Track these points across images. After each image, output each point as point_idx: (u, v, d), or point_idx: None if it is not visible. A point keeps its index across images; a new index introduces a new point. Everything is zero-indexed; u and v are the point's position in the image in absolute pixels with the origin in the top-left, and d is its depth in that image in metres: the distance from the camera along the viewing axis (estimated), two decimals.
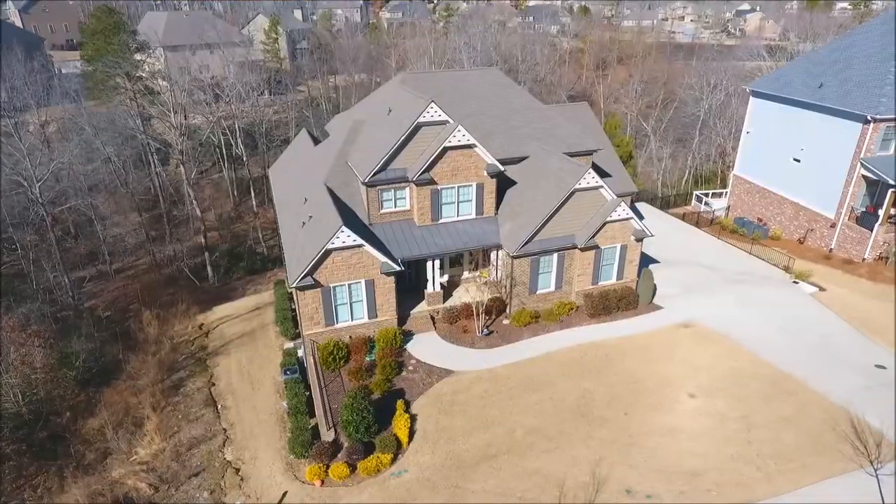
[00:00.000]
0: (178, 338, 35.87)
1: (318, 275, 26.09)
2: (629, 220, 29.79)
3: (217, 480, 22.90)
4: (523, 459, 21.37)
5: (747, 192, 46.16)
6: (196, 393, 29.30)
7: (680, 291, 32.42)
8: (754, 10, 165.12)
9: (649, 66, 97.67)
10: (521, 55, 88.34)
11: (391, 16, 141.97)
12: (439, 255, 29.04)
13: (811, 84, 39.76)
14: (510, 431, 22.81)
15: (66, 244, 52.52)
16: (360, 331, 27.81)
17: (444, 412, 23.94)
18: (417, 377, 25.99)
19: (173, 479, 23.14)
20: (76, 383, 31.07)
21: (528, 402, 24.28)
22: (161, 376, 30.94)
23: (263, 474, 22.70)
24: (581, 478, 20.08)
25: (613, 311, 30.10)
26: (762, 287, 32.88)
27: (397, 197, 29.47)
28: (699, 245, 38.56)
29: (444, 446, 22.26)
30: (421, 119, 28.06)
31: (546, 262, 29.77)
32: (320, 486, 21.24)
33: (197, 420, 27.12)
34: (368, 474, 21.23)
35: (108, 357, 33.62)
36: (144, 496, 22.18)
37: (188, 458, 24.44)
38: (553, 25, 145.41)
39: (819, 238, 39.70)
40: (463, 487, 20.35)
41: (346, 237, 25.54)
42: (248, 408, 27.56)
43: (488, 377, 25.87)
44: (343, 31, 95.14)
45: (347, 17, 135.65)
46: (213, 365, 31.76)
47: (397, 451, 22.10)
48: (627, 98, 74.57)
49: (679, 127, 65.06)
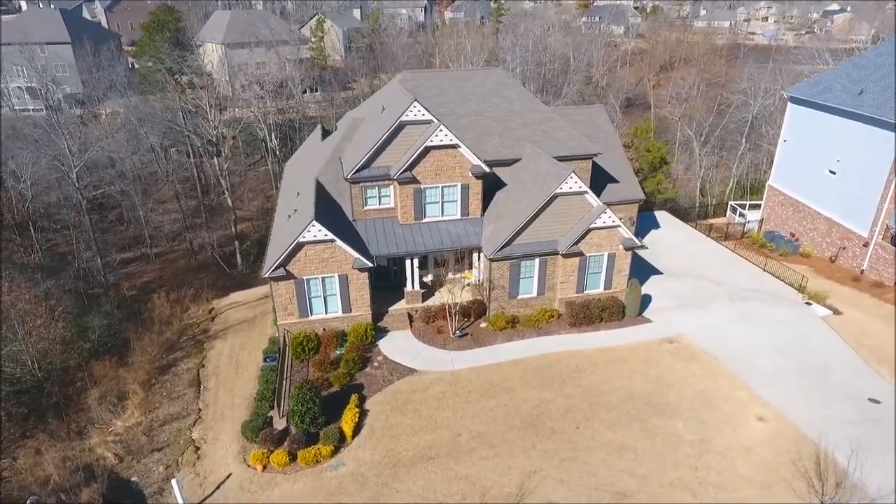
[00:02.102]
0: (188, 320, 37.86)
1: (292, 267, 26.82)
2: (617, 228, 28.71)
3: (177, 457, 24.07)
4: (458, 464, 21.14)
5: (781, 205, 43.23)
6: (185, 373, 30.86)
7: (675, 305, 30.90)
8: (844, 10, 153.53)
9: (713, 68, 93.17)
10: (572, 56, 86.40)
11: (454, 15, 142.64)
12: (417, 255, 29.11)
13: (851, 90, 36.75)
14: (456, 435, 22.62)
15: (117, 228, 56.68)
16: (333, 324, 28.36)
17: (397, 410, 24.04)
18: (380, 374, 26.22)
19: (138, 452, 24.54)
20: (90, 355, 33.51)
21: (483, 407, 23.96)
22: (160, 355, 32.79)
23: (218, 455, 23.63)
24: (507, 488, 19.67)
25: (596, 321, 29.11)
26: (768, 306, 30.77)
27: (381, 194, 29.81)
28: (711, 258, 36.53)
29: (386, 444, 22.38)
30: (404, 117, 28.23)
31: (527, 266, 29.20)
32: (262, 471, 21.89)
33: (178, 398, 28.57)
34: (307, 464, 21.67)
35: (123, 334, 35.98)
36: (107, 465, 23.64)
37: (158, 434, 25.83)
38: (618, 25, 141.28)
39: (851, 258, 36.67)
40: (390, 486, 20.41)
41: (318, 231, 26.10)
42: (227, 391, 28.71)
43: (450, 379, 25.72)
44: (404, 31, 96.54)
45: (411, 17, 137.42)
46: (208, 348, 33.29)
47: (340, 445, 22.41)
48: (678, 102, 71.51)
49: (727, 133, 61.68)
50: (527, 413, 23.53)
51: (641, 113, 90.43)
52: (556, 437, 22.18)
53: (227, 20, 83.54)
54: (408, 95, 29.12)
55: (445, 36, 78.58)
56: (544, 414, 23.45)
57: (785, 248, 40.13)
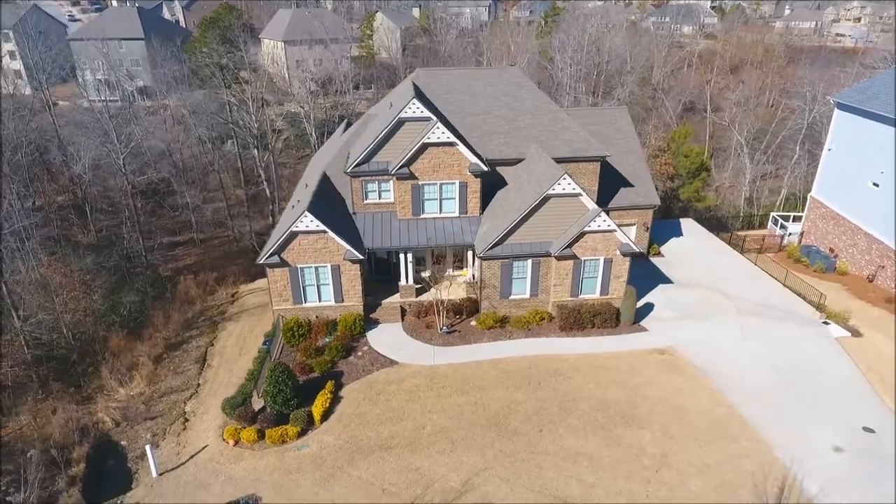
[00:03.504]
0: (210, 302, 40.02)
1: (286, 254, 27.97)
2: (613, 233, 28.03)
3: (166, 426, 25.69)
4: (414, 455, 21.47)
5: (822, 218, 40.56)
6: (194, 350, 32.71)
7: (677, 316, 29.83)
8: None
9: (785, 72, 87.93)
10: (629, 56, 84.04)
11: (518, 14, 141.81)
12: (410, 250, 29.57)
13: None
14: (419, 427, 22.94)
15: (171, 214, 60.53)
16: (326, 312, 29.31)
17: (369, 399, 24.64)
18: (361, 363, 26.91)
19: (133, 419, 26.37)
20: (119, 328, 36.20)
21: (452, 402, 24.15)
22: (176, 332, 34.92)
23: (202, 428, 25.04)
24: (452, 482, 19.85)
25: (588, 326, 28.55)
26: (779, 323, 29.14)
27: (382, 189, 30.48)
28: (730, 270, 34.83)
29: (352, 430, 23.02)
30: (403, 114, 28.77)
31: (520, 267, 29.04)
32: (233, 445, 23.07)
33: (182, 373, 30.38)
34: (273, 443, 22.65)
35: (150, 311, 38.57)
36: (104, 428, 25.59)
37: (156, 404, 27.63)
38: (689, 26, 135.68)
39: (889, 278, 33.99)
40: (344, 470, 21.02)
41: (310, 221, 27.09)
42: (227, 370, 30.24)
43: (427, 373, 26.05)
44: (454, 29, 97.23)
45: (474, 16, 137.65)
46: (221, 329, 35.09)
47: (308, 427, 23.26)
48: (738, 107, 68.05)
49: (785, 141, 58.26)
50: (494, 412, 23.52)
51: (703, 117, 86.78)
52: (516, 438, 22.08)
53: (288, 18, 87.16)
54: (410, 93, 29.61)
55: (494, 35, 78.49)
56: (511, 414, 23.36)
57: (820, 263, 37.71)
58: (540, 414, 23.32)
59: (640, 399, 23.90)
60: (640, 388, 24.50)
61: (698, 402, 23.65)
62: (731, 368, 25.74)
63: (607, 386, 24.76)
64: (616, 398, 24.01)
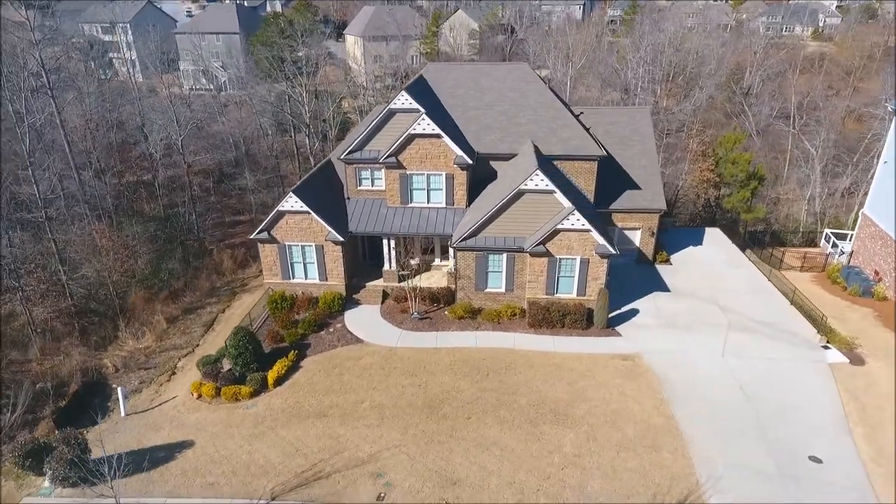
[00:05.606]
0: (239, 275, 43.42)
1: (275, 232, 30.11)
2: (589, 233, 27.51)
3: (155, 377, 28.69)
4: (342, 426, 22.62)
5: (871, 237, 36.84)
6: (206, 315, 35.84)
7: (659, 324, 28.71)
8: None
9: None
10: (714, 57, 79.39)
11: (612, 13, 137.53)
12: (393, 235, 30.67)
13: None
14: (359, 402, 24.08)
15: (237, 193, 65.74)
16: (311, 290, 31.17)
17: (325, 371, 26.12)
18: (329, 339, 28.45)
19: (131, 367, 29.64)
20: (158, 290, 40.41)
21: (398, 383, 25.04)
22: (200, 299, 38.40)
23: (182, 382, 27.68)
24: (360, 453, 20.83)
25: (557, 325, 28.23)
26: (770, 342, 27.21)
27: (374, 177, 31.83)
28: (738, 284, 32.66)
29: (299, 397, 24.61)
30: (394, 105, 29.93)
31: (495, 261, 29.25)
32: (196, 398, 25.47)
33: (188, 334, 33.48)
34: (228, 400, 24.75)
35: (186, 278, 42.58)
36: (105, 373, 29.01)
37: (156, 358, 30.79)
38: (805, 26, 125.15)
39: None
40: (274, 430, 22.61)
41: (295, 202, 29.01)
42: (226, 335, 32.90)
43: (386, 354, 27.09)
44: (561, 28, 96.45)
45: (568, 15, 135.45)
46: (237, 299, 38.12)
47: (261, 390, 25.15)
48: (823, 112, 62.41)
49: (861, 153, 52.90)
50: (433, 396, 24.14)
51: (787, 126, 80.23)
52: (442, 422, 22.60)
53: (369, 15, 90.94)
54: (404, 86, 30.65)
55: (581, 34, 77.17)
56: (448, 400, 23.87)
57: (856, 286, 34.41)
58: (475, 402, 23.64)
59: (581, 400, 23.49)
60: (587, 390, 24.06)
61: (641, 409, 22.86)
62: (693, 381, 24.53)
63: (554, 384, 24.53)
64: (558, 397, 23.76)
